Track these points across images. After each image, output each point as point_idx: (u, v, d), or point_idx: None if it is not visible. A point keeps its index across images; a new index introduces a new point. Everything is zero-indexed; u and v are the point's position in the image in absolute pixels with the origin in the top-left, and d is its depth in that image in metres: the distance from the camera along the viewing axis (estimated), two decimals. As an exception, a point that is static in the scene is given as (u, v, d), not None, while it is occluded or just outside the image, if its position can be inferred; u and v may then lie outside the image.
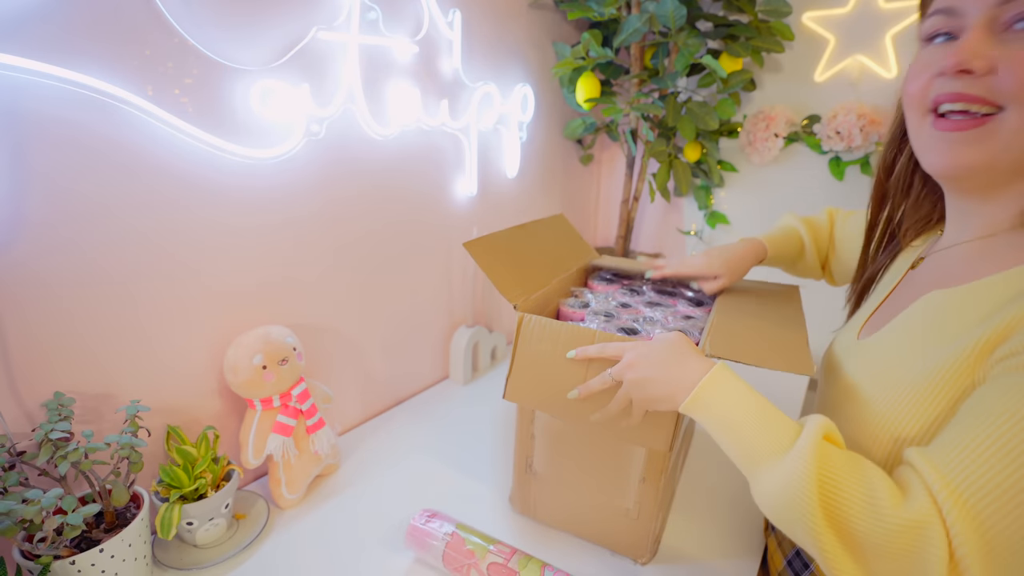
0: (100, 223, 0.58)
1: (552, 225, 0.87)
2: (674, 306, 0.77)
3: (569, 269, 0.82)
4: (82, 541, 0.55)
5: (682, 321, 0.71)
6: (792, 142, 1.33)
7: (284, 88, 0.71)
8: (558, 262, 0.82)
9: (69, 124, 0.55)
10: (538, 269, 0.75)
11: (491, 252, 0.68)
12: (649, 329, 0.68)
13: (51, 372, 0.57)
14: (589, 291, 0.81)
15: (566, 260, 0.84)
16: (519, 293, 0.67)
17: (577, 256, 0.88)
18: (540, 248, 0.80)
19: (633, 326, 0.69)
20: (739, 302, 0.71)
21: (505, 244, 0.72)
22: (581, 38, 1.17)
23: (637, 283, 0.86)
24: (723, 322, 0.63)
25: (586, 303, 0.77)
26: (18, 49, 0.49)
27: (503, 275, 0.67)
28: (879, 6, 1.17)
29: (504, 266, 0.69)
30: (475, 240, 0.68)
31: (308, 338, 0.83)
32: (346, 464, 0.85)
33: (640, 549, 0.66)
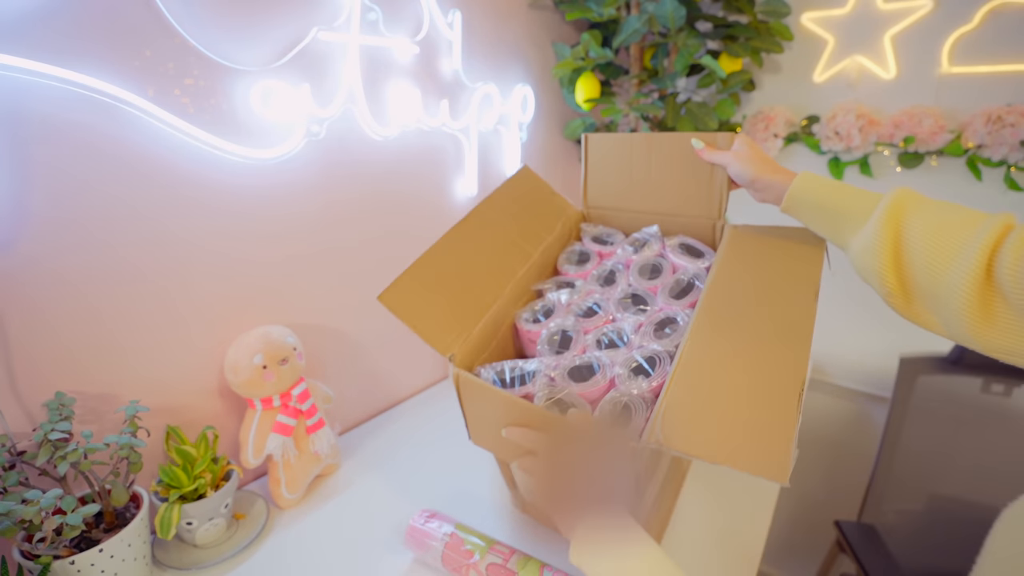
0: (101, 223, 0.59)
1: (513, 195, 0.72)
2: (654, 296, 0.64)
3: (532, 256, 0.69)
4: (82, 541, 0.55)
5: (654, 337, 0.58)
6: (791, 142, 1.34)
7: (284, 88, 0.71)
8: (519, 252, 0.69)
9: (70, 125, 0.55)
10: (489, 279, 0.64)
11: (417, 292, 0.57)
12: (608, 363, 0.56)
13: (52, 372, 0.58)
14: (555, 290, 0.68)
15: (530, 244, 0.70)
16: (457, 334, 0.57)
17: (545, 229, 0.73)
18: (493, 243, 0.67)
19: (590, 362, 0.57)
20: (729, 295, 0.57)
21: (440, 265, 0.60)
22: (581, 38, 1.17)
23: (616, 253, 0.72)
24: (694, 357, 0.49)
25: (548, 310, 0.66)
26: (19, 50, 0.50)
27: (433, 319, 0.57)
28: (878, 7, 1.17)
29: (438, 301, 0.58)
30: (394, 285, 0.56)
31: (308, 338, 0.83)
32: (346, 464, 0.85)
33: None
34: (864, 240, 0.50)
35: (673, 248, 0.69)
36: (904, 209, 0.48)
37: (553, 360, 0.58)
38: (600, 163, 0.77)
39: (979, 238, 0.42)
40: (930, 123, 1.13)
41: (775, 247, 0.62)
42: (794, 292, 0.55)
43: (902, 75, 1.19)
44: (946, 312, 0.45)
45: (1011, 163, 1.09)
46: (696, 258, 0.68)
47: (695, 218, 0.72)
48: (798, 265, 0.58)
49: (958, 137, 1.12)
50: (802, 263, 0.58)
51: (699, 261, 0.67)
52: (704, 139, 0.67)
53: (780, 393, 0.44)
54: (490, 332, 0.62)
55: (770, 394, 0.44)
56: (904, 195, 0.49)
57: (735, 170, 0.63)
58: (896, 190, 0.50)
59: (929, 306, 0.47)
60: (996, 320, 0.42)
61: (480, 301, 0.62)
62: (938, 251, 0.45)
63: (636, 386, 0.52)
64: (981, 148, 1.10)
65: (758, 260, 0.61)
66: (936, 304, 0.46)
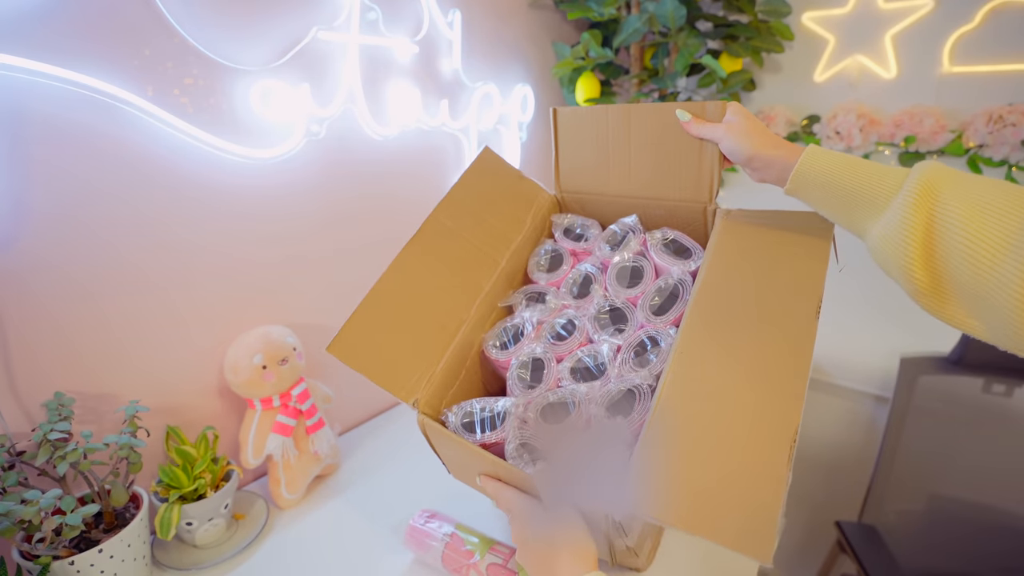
0: (100, 223, 0.58)
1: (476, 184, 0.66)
2: (634, 310, 0.59)
3: (499, 264, 0.64)
4: (81, 541, 0.55)
5: (633, 367, 0.53)
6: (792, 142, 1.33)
7: (284, 88, 0.71)
8: (485, 262, 0.63)
9: (70, 124, 0.55)
10: (450, 302, 0.59)
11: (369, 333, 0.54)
12: (583, 399, 0.52)
13: (51, 372, 0.57)
14: (525, 300, 0.63)
15: (496, 251, 0.64)
16: (421, 373, 0.54)
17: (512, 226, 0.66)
18: (456, 248, 0.62)
19: (564, 400, 0.52)
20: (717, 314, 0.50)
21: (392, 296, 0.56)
22: (581, 38, 1.17)
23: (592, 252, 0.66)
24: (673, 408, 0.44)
25: (518, 331, 0.60)
26: (19, 50, 0.50)
27: (390, 365, 0.53)
28: (879, 6, 1.17)
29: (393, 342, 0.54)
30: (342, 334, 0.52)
31: (308, 338, 0.83)
32: (346, 464, 0.85)
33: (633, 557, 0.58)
34: (887, 227, 0.42)
35: (655, 246, 0.61)
36: (938, 188, 0.39)
37: (525, 397, 0.55)
38: (572, 142, 0.67)
39: None
40: (931, 123, 1.13)
41: (773, 243, 0.54)
42: (792, 307, 0.48)
43: (903, 75, 1.18)
44: (993, 314, 0.37)
45: (1012, 163, 1.08)
46: (682, 258, 0.60)
47: (682, 203, 0.62)
48: (799, 265, 0.51)
49: (959, 137, 1.12)
50: (804, 261, 0.51)
51: (685, 262, 0.59)
52: (691, 109, 0.57)
53: (768, 450, 0.40)
54: (457, 363, 0.58)
55: (757, 451, 0.40)
56: (937, 171, 0.40)
57: (728, 145, 0.53)
58: (926, 164, 0.41)
59: (970, 307, 0.39)
60: None
61: (444, 329, 0.57)
62: (984, 239, 0.36)
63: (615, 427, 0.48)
64: (982, 148, 1.10)
65: (752, 263, 0.53)
66: (980, 305, 0.37)
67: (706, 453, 0.41)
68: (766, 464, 0.39)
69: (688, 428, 0.43)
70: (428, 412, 0.55)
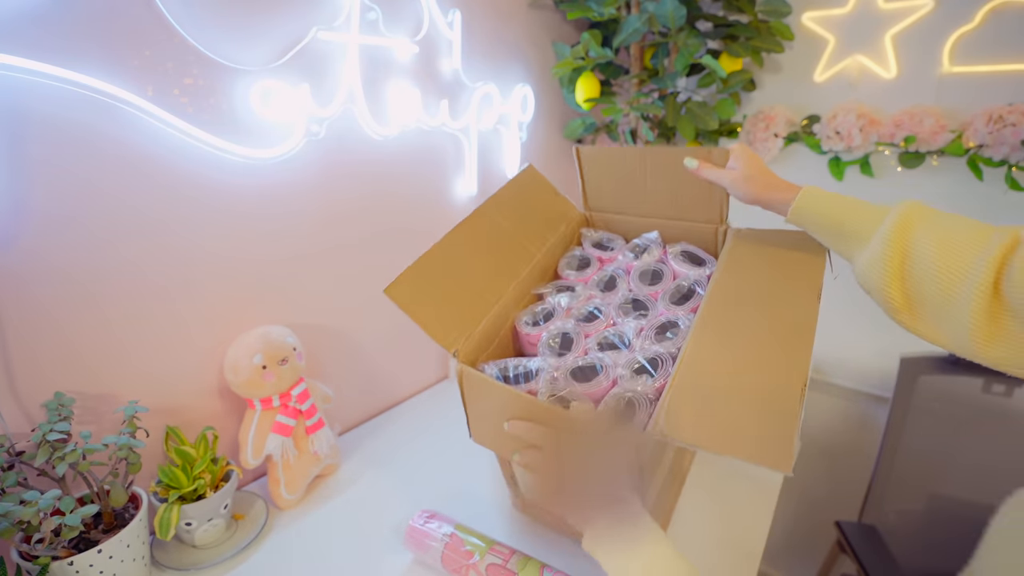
0: (100, 223, 0.58)
1: (516, 196, 0.72)
2: (655, 301, 0.65)
3: (535, 257, 0.70)
4: (80, 542, 0.55)
5: (654, 340, 0.58)
6: (792, 142, 1.33)
7: (284, 88, 0.71)
8: (521, 253, 0.69)
9: (70, 124, 0.54)
10: (491, 279, 0.64)
11: (423, 287, 0.57)
12: (610, 364, 0.56)
13: (51, 372, 0.57)
14: (555, 293, 0.68)
15: (533, 246, 0.70)
16: (460, 332, 0.58)
17: (548, 230, 0.73)
18: (495, 244, 0.67)
19: (592, 363, 0.57)
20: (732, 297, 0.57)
21: (444, 264, 0.60)
22: (581, 38, 1.17)
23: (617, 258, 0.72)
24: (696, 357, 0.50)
25: (548, 313, 0.66)
26: (19, 49, 0.49)
27: (438, 316, 0.57)
28: (879, 6, 1.17)
29: (442, 299, 0.58)
30: (400, 278, 0.55)
31: (308, 338, 0.83)
32: (346, 464, 0.85)
33: None
34: (870, 257, 0.50)
35: (674, 255, 0.69)
36: (911, 225, 0.48)
37: (555, 361, 0.59)
38: (596, 173, 0.77)
39: (988, 253, 0.42)
40: (931, 123, 1.13)
41: (778, 253, 0.63)
42: (797, 295, 0.55)
43: (903, 75, 1.18)
44: (954, 328, 0.45)
45: (1012, 163, 1.08)
46: (697, 265, 0.67)
47: (697, 223, 0.72)
48: (801, 269, 0.59)
49: (959, 137, 1.12)
50: (805, 267, 0.59)
51: (700, 269, 0.67)
52: (698, 155, 0.64)
53: (783, 388, 0.45)
54: (492, 331, 0.62)
55: (773, 389, 0.45)
56: (911, 210, 0.49)
57: (735, 193, 0.62)
58: (903, 205, 0.49)
59: (936, 322, 0.47)
60: (1003, 334, 0.43)
61: (483, 300, 0.62)
62: (947, 268, 0.45)
63: (640, 384, 0.53)
64: (982, 148, 1.10)
65: (760, 265, 0.61)
66: (943, 321, 0.46)
67: (728, 392, 0.46)
68: (782, 398, 0.44)
69: (711, 374, 0.48)
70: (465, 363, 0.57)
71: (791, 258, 0.61)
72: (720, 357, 0.50)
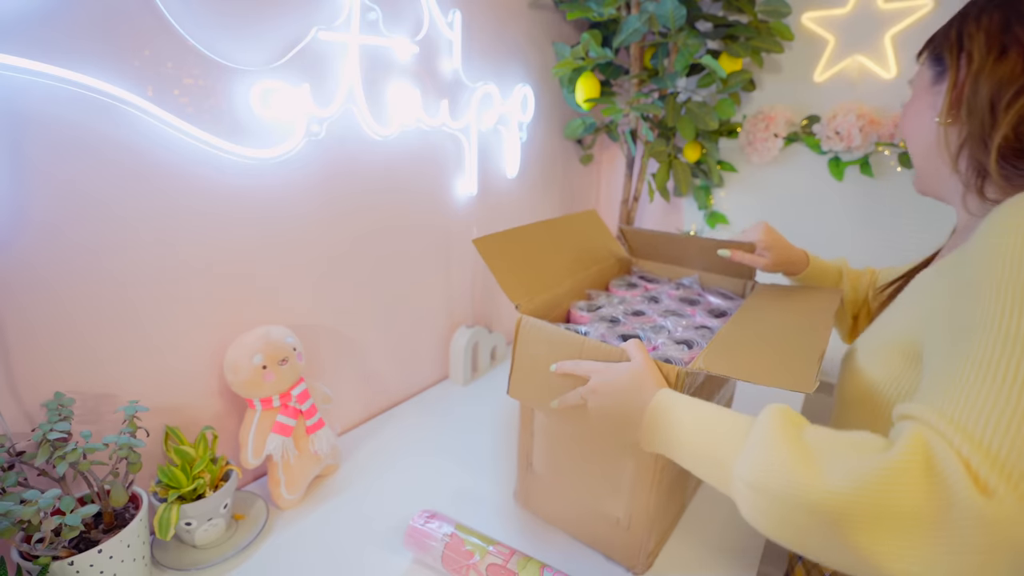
0: (100, 223, 0.58)
1: (581, 222, 0.86)
2: (692, 316, 0.74)
3: (589, 270, 0.82)
4: (80, 542, 0.55)
5: (693, 331, 0.68)
6: (792, 142, 1.33)
7: (284, 88, 0.71)
8: (579, 263, 0.81)
9: (69, 124, 0.54)
10: (553, 269, 0.75)
11: (501, 250, 0.68)
12: (653, 337, 0.66)
13: (51, 372, 0.57)
14: (606, 295, 0.80)
15: (588, 261, 0.83)
16: (524, 294, 0.67)
17: (603, 257, 0.86)
18: (561, 247, 0.78)
19: (636, 333, 0.67)
20: (761, 310, 0.67)
21: (520, 241, 0.72)
22: (581, 38, 1.17)
23: (661, 287, 0.84)
24: (731, 332, 0.60)
25: (598, 306, 0.75)
26: (18, 49, 0.49)
27: (510, 274, 0.67)
28: (878, 6, 1.17)
29: (513, 265, 0.68)
30: (485, 237, 0.67)
31: (308, 338, 0.83)
32: (346, 464, 0.85)
33: (633, 559, 0.64)
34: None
35: (709, 291, 0.83)
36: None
37: (604, 327, 0.68)
38: (641, 243, 0.92)
39: None
40: (931, 123, 1.13)
41: (799, 291, 0.76)
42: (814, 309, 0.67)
43: (903, 75, 1.18)
44: None
45: (1012, 163, 1.08)
46: (729, 300, 0.80)
47: (729, 277, 0.85)
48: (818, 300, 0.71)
49: (959, 137, 1.12)
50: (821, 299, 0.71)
51: (732, 302, 0.79)
52: (729, 247, 0.76)
53: (804, 349, 0.54)
54: (547, 309, 0.71)
55: (796, 349, 0.54)
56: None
57: (767, 270, 0.77)
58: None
59: None
60: None
61: (546, 281, 0.72)
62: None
63: (677, 351, 0.62)
64: (982, 148, 1.10)
65: (784, 295, 0.74)
66: None
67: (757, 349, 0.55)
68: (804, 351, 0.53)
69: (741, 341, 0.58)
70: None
71: (810, 294, 0.74)
72: (749, 333, 0.60)
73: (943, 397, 0.34)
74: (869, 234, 1.29)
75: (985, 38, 0.43)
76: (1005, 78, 0.42)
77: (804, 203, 1.37)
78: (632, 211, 1.43)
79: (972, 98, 0.44)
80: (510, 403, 1.06)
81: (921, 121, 0.51)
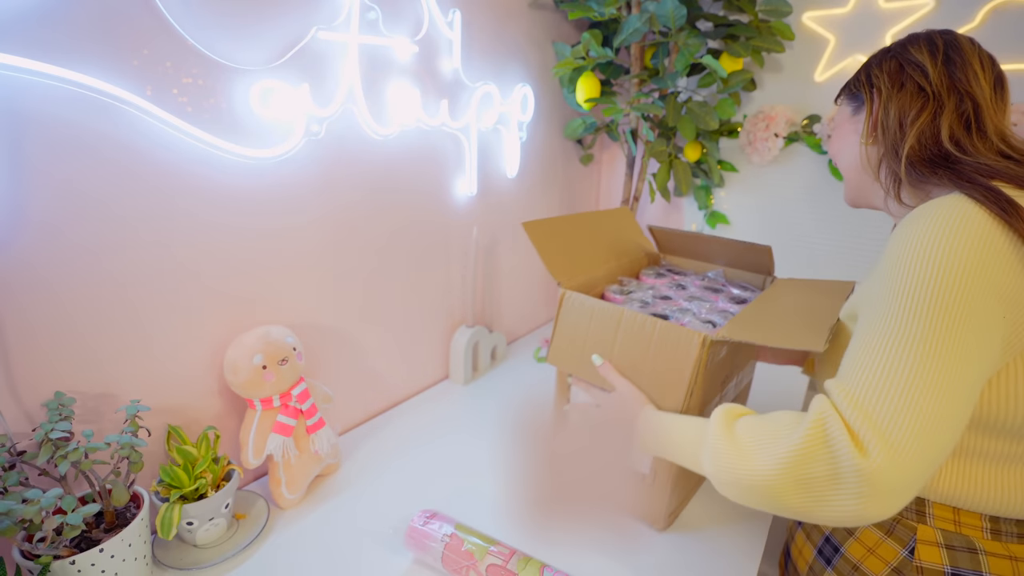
0: (100, 223, 0.58)
1: (615, 217, 0.96)
2: (715, 302, 0.80)
3: (621, 260, 0.90)
4: (82, 541, 0.55)
5: (716, 314, 0.75)
6: (792, 142, 1.33)
7: (284, 88, 0.71)
8: (612, 253, 0.89)
9: (69, 124, 0.55)
10: (590, 256, 0.84)
11: (546, 234, 0.77)
12: (680, 317, 0.74)
13: (52, 372, 0.57)
14: (637, 282, 0.87)
15: (621, 252, 0.91)
16: (565, 273, 0.76)
17: (633, 250, 0.95)
18: (597, 238, 0.87)
19: (665, 313, 0.74)
20: (778, 296, 0.74)
21: (562, 228, 0.81)
22: (581, 38, 1.17)
23: (687, 278, 0.91)
24: (751, 312, 0.67)
25: (629, 290, 0.83)
26: (17, 49, 0.49)
27: (554, 256, 0.76)
28: (879, 6, 1.17)
29: (556, 248, 0.77)
30: (534, 222, 0.75)
31: (308, 338, 0.83)
32: (346, 464, 0.85)
33: (656, 516, 0.72)
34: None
35: (732, 283, 0.89)
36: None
37: (637, 306, 0.76)
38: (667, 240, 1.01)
39: None
40: (931, 122, 1.12)
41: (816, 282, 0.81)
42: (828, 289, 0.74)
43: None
44: None
45: (1012, 162, 1.08)
46: (750, 292, 0.86)
47: (749, 272, 0.92)
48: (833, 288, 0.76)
49: (959, 136, 1.12)
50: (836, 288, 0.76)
51: (754, 293, 0.85)
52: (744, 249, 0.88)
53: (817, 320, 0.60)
54: (584, 289, 0.78)
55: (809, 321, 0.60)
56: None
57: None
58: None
59: None
60: None
61: (583, 266, 0.81)
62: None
63: (703, 328, 0.69)
64: (982, 147, 1.10)
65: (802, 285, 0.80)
66: None
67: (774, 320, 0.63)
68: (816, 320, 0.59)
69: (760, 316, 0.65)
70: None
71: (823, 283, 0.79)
72: (767, 311, 0.67)
73: (849, 377, 0.45)
74: (869, 234, 1.29)
75: (887, 77, 0.58)
76: (906, 103, 0.55)
77: (804, 203, 1.37)
78: (632, 211, 1.43)
79: (885, 120, 0.57)
80: (510, 403, 1.06)
81: (848, 144, 0.63)
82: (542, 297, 1.50)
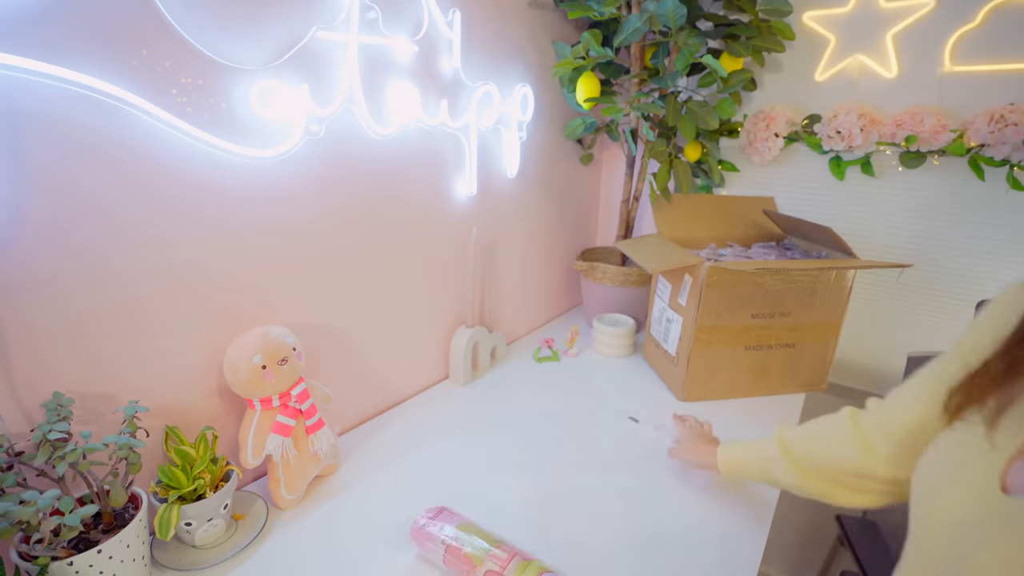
0: (100, 223, 0.58)
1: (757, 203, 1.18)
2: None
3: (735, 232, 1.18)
4: (80, 542, 0.55)
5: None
6: (792, 142, 1.33)
7: (283, 88, 0.71)
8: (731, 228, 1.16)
9: (68, 123, 0.54)
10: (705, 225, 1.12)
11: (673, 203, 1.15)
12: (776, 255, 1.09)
13: (50, 372, 0.57)
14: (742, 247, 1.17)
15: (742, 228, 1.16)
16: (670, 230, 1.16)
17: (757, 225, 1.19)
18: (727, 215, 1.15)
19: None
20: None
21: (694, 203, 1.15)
22: (581, 38, 1.17)
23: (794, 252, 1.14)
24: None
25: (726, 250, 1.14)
26: (17, 48, 0.49)
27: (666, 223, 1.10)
28: (880, 6, 1.17)
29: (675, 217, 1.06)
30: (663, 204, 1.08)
31: (308, 338, 0.83)
32: (345, 465, 0.85)
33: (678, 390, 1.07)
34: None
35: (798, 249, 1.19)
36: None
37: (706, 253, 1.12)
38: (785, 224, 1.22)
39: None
40: (932, 122, 1.12)
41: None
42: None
43: (904, 74, 1.18)
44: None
45: (1014, 162, 1.08)
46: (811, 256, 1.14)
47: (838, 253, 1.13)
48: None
49: (960, 136, 1.12)
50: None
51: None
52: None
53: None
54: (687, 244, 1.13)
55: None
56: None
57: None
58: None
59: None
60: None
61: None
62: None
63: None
64: (984, 147, 1.10)
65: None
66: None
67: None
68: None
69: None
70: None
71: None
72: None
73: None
74: (869, 234, 1.29)
75: None
76: None
77: (805, 203, 1.37)
78: (633, 211, 1.43)
79: None
80: (510, 403, 1.06)
81: None
82: (542, 297, 1.50)
